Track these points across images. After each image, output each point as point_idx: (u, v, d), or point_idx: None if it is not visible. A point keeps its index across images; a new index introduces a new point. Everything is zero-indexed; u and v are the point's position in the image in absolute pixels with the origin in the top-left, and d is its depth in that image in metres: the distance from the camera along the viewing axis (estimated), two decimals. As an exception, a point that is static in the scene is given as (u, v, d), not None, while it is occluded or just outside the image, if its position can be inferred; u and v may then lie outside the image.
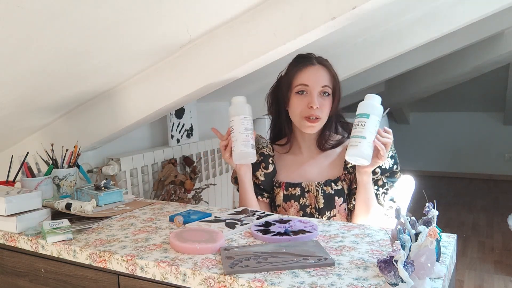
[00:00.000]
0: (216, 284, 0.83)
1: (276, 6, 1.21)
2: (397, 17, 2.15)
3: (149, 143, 2.18)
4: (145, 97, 1.48)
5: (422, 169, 5.99)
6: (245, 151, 1.26)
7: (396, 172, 1.33)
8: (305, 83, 1.29)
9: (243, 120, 1.27)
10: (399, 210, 0.85)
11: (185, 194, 2.11)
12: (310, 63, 1.31)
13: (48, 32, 0.98)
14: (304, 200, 1.35)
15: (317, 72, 1.30)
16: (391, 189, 1.32)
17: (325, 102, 1.30)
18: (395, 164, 1.32)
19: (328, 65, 1.33)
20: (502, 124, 5.56)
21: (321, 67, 1.31)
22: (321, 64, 1.32)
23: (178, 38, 1.29)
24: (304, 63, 1.32)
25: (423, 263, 0.74)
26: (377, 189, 1.31)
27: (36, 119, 1.57)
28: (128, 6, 1.00)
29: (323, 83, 1.29)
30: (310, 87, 1.29)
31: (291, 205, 1.35)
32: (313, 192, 1.34)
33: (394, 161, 1.32)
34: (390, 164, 1.31)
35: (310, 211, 1.34)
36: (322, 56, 1.36)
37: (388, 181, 1.32)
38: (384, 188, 1.32)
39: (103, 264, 0.97)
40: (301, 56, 1.35)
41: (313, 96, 1.28)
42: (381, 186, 1.32)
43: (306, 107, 1.28)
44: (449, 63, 4.06)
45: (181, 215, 1.16)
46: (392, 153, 1.32)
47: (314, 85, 1.28)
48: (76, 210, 1.20)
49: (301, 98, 1.30)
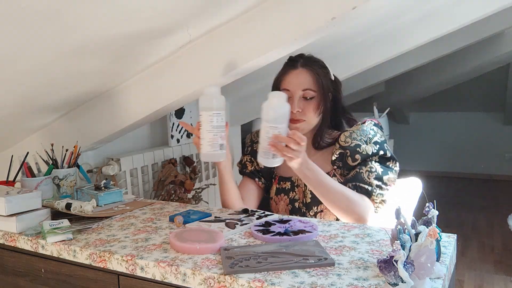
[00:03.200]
0: (216, 284, 0.83)
1: (276, 6, 1.21)
2: (397, 17, 2.15)
3: (149, 143, 2.18)
4: (145, 97, 1.48)
5: (422, 169, 5.99)
6: (211, 153, 1.19)
7: (387, 158, 1.29)
8: (287, 88, 1.31)
9: (212, 117, 1.17)
10: (399, 210, 0.85)
11: (185, 194, 2.11)
12: (292, 67, 1.32)
13: (48, 32, 0.98)
14: (293, 194, 1.37)
15: (297, 76, 1.31)
16: (379, 170, 1.26)
17: (309, 105, 1.30)
18: (381, 150, 1.28)
19: (313, 67, 1.31)
20: (502, 124, 5.56)
21: (303, 70, 1.31)
22: (305, 66, 1.31)
23: (178, 38, 1.29)
24: (287, 67, 1.34)
25: (423, 263, 0.74)
26: (360, 168, 1.27)
27: (36, 119, 1.57)
28: (128, 6, 1.00)
29: (303, 86, 1.29)
30: (291, 91, 1.30)
31: (281, 198, 1.39)
32: (301, 186, 1.36)
33: (380, 146, 1.28)
34: (374, 150, 1.27)
35: (298, 205, 1.36)
36: (313, 56, 1.35)
37: (376, 162, 1.27)
38: (367, 167, 1.26)
39: (103, 264, 0.97)
40: (290, 58, 1.36)
41: (294, 100, 1.28)
42: (363, 165, 1.27)
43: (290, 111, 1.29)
44: (449, 63, 4.06)
45: (181, 215, 1.16)
46: (378, 139, 1.29)
47: (295, 89, 1.29)
48: (76, 210, 1.20)
49: None
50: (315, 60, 1.35)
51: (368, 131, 1.30)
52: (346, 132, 1.32)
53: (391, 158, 1.30)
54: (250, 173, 1.46)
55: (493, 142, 5.63)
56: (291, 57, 1.36)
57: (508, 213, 3.11)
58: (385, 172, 1.28)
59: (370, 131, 1.31)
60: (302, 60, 1.33)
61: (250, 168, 1.46)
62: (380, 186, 1.26)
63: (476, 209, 4.48)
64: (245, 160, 1.48)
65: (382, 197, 1.26)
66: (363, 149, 1.27)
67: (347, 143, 1.29)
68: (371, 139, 1.29)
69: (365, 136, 1.29)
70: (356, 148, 1.27)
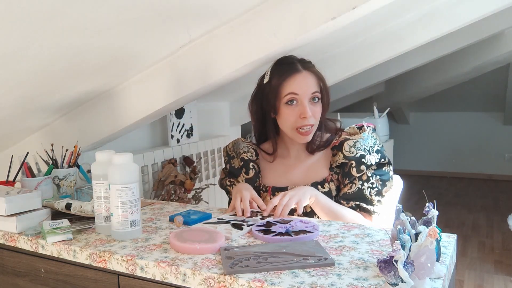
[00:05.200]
0: (216, 284, 0.83)
1: (276, 6, 1.21)
2: (397, 17, 2.15)
3: (149, 143, 2.18)
4: (145, 97, 1.48)
5: (422, 169, 5.99)
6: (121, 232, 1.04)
7: (384, 164, 1.29)
8: (295, 92, 1.24)
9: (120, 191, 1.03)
10: (399, 210, 0.85)
11: (185, 194, 2.11)
12: (296, 71, 1.26)
13: (48, 32, 0.98)
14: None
15: (305, 79, 1.26)
16: (379, 183, 1.26)
17: (317, 109, 1.27)
18: (382, 158, 1.28)
19: (314, 69, 1.29)
20: (502, 124, 5.56)
21: (308, 73, 1.27)
22: (307, 69, 1.27)
23: (178, 38, 1.29)
24: (289, 71, 1.26)
25: (423, 263, 0.74)
26: (362, 183, 1.26)
27: (36, 119, 1.57)
28: (128, 6, 1.00)
29: (312, 89, 1.26)
30: (300, 95, 1.24)
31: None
32: None
33: (381, 154, 1.28)
34: (377, 159, 1.27)
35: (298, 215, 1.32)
36: (304, 58, 1.32)
37: (374, 174, 1.27)
38: (369, 183, 1.26)
39: (103, 264, 0.97)
40: (284, 62, 1.30)
41: (305, 105, 1.24)
42: (365, 181, 1.26)
43: (298, 118, 1.25)
44: (449, 63, 4.07)
45: (181, 215, 1.16)
46: (378, 147, 1.29)
47: (304, 93, 1.24)
48: (76, 210, 1.20)
49: (292, 109, 1.26)
50: (309, 61, 1.31)
51: (370, 139, 1.29)
52: (349, 141, 1.28)
53: (387, 163, 1.30)
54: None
55: (493, 142, 5.64)
56: (284, 60, 1.31)
57: (508, 213, 3.11)
58: (384, 184, 1.27)
59: (371, 139, 1.30)
60: (301, 63, 1.29)
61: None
62: (380, 201, 1.27)
63: (476, 209, 4.48)
64: (225, 184, 1.43)
65: (380, 209, 1.27)
66: (367, 160, 1.26)
67: (352, 153, 1.26)
68: (373, 148, 1.28)
69: (367, 145, 1.28)
70: (361, 159, 1.26)
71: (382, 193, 1.27)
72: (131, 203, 1.04)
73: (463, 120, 5.76)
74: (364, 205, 1.26)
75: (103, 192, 1.09)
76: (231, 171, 1.40)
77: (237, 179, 1.38)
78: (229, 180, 1.42)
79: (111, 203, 1.05)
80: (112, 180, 1.03)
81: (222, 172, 1.47)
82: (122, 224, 1.04)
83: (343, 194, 1.28)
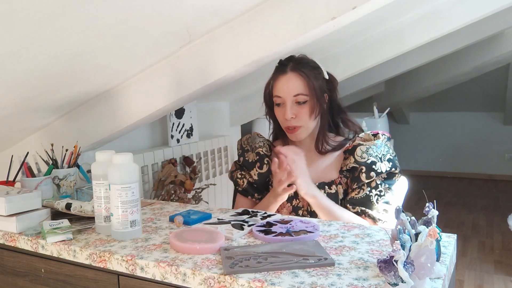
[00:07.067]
0: (216, 284, 0.83)
1: (276, 6, 1.21)
2: (397, 17, 2.15)
3: (149, 143, 2.18)
4: (145, 97, 1.48)
5: (422, 169, 5.99)
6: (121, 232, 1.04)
7: (394, 174, 1.29)
8: (279, 95, 1.29)
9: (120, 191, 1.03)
10: (399, 210, 0.85)
11: (185, 194, 2.11)
12: (282, 73, 1.29)
13: (48, 32, 0.98)
14: (296, 201, 1.34)
15: (287, 81, 1.27)
16: (387, 192, 1.26)
17: (302, 110, 1.27)
18: (393, 167, 1.28)
19: (303, 70, 1.27)
20: (502, 124, 5.56)
21: (293, 74, 1.27)
22: (295, 70, 1.27)
23: (178, 38, 1.29)
24: (277, 73, 1.30)
25: (423, 263, 0.74)
26: (370, 190, 1.26)
27: (36, 119, 1.57)
28: (128, 6, 1.00)
29: (295, 92, 1.26)
30: (283, 98, 1.28)
31: (283, 205, 1.35)
32: None
33: (392, 164, 1.28)
34: (388, 168, 1.27)
35: (302, 213, 1.33)
36: (305, 57, 1.32)
37: (384, 182, 1.27)
38: (377, 190, 1.26)
39: (103, 264, 0.97)
40: (280, 62, 1.33)
41: (287, 107, 1.27)
42: (374, 188, 1.26)
43: (284, 119, 1.29)
44: (449, 63, 4.06)
45: (181, 215, 1.16)
46: (391, 156, 1.29)
47: (286, 96, 1.27)
48: (76, 210, 1.20)
49: (279, 110, 1.31)
50: (306, 62, 1.31)
51: (383, 147, 1.29)
52: (362, 146, 1.29)
53: (398, 173, 1.29)
54: (243, 191, 1.42)
55: (493, 142, 5.64)
56: (281, 61, 1.33)
57: (508, 213, 3.11)
58: (391, 193, 1.27)
59: (385, 147, 1.29)
60: (292, 64, 1.29)
61: (242, 186, 1.41)
62: (386, 210, 1.26)
63: (476, 209, 4.48)
64: (236, 177, 1.43)
65: (385, 218, 1.26)
66: (378, 167, 1.26)
67: (363, 159, 1.27)
68: (385, 156, 1.28)
69: (380, 152, 1.28)
70: (372, 165, 1.26)
71: (389, 202, 1.26)
72: (131, 203, 1.04)
73: (463, 120, 5.77)
74: (369, 212, 1.26)
75: (103, 192, 1.08)
76: (244, 164, 1.42)
77: (249, 172, 1.40)
78: (240, 173, 1.43)
79: (111, 203, 1.05)
80: (112, 180, 1.04)
81: (234, 165, 1.48)
82: (122, 224, 1.04)
83: (350, 199, 1.29)
